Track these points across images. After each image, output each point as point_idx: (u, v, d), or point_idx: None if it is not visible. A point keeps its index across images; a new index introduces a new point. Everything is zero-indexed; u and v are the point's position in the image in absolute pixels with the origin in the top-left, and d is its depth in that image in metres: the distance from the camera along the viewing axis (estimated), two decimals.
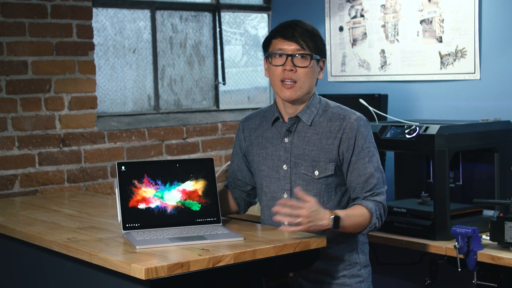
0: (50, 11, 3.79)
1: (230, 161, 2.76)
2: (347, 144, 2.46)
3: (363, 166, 2.45)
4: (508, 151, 3.25)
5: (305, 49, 2.45)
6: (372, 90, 4.11)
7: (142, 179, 2.46)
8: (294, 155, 2.51)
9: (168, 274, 2.02)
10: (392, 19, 4.02)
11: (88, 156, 3.93)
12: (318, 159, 2.48)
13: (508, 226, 2.79)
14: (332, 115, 2.50)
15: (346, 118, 2.48)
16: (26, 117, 3.73)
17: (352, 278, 2.52)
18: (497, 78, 3.59)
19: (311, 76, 2.48)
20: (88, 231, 2.54)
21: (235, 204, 2.72)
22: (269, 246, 2.24)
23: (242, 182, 2.71)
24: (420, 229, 3.10)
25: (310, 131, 2.51)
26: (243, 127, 2.68)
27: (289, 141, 2.53)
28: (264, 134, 2.60)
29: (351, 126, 2.46)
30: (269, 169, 2.56)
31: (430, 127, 3.09)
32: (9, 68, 3.67)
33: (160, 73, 4.37)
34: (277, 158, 2.55)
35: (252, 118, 2.68)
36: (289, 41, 2.45)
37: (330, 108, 2.53)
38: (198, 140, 4.38)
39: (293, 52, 2.45)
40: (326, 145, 2.47)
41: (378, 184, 2.46)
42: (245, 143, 2.66)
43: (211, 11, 4.59)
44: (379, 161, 2.50)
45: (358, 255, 2.55)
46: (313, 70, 2.48)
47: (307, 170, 2.49)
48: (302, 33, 2.46)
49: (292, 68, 2.45)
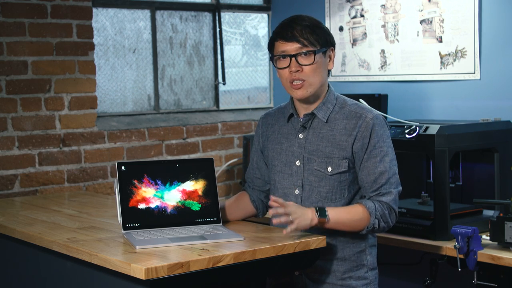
0: (50, 11, 3.79)
1: (250, 160, 2.74)
2: (362, 142, 2.44)
3: (374, 165, 2.43)
4: (508, 151, 3.25)
5: (307, 46, 2.42)
6: (372, 90, 4.11)
7: (142, 179, 2.46)
8: (308, 151, 2.50)
9: (168, 274, 2.02)
10: (392, 19, 4.02)
11: (88, 156, 3.93)
12: (331, 155, 2.46)
13: (508, 226, 2.79)
14: (349, 113, 2.49)
15: (362, 117, 2.46)
16: (26, 117, 3.73)
17: (358, 280, 2.50)
18: (497, 78, 3.59)
19: (320, 71, 2.46)
20: (88, 231, 2.54)
21: (253, 207, 2.69)
22: (269, 246, 2.23)
23: (262, 181, 2.69)
24: (420, 229, 3.10)
25: (325, 127, 2.49)
26: (261, 123, 2.68)
27: (303, 137, 2.52)
28: (280, 129, 2.60)
29: (367, 124, 2.44)
30: (282, 164, 2.55)
31: (430, 127, 3.09)
32: (9, 68, 3.67)
33: (160, 73, 4.37)
34: (290, 153, 2.53)
35: (271, 114, 2.68)
36: (290, 41, 2.43)
37: (347, 105, 2.51)
38: (198, 140, 4.38)
39: (295, 52, 2.43)
40: (341, 142, 2.46)
41: (387, 184, 2.43)
42: (262, 139, 2.66)
43: (211, 11, 4.59)
44: (392, 162, 2.46)
45: (366, 256, 2.52)
46: (321, 64, 2.46)
47: (320, 166, 2.47)
48: (301, 30, 2.43)
49: (298, 68, 2.43)
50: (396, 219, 2.47)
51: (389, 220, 2.43)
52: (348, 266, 2.49)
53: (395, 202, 2.44)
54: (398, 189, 2.46)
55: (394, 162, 2.47)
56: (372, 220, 2.40)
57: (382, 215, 2.41)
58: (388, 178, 2.43)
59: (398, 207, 2.36)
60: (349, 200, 2.50)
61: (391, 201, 2.43)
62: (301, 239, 2.31)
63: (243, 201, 2.69)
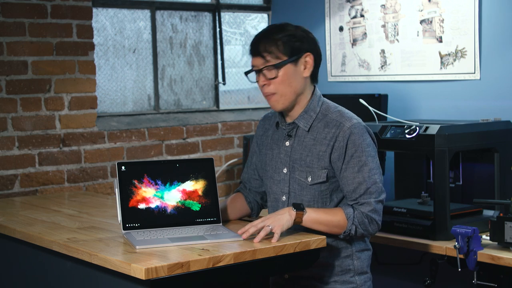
0: (50, 11, 3.79)
1: (248, 160, 2.74)
2: (338, 153, 2.41)
3: (352, 176, 2.40)
4: (508, 151, 3.25)
5: (269, 61, 2.41)
6: (372, 90, 4.11)
7: (142, 179, 2.46)
8: (293, 159, 2.51)
9: (168, 274, 2.02)
10: (392, 19, 4.02)
11: (88, 156, 3.93)
12: (311, 165, 2.46)
13: (508, 226, 2.79)
14: (330, 121, 2.45)
15: (340, 126, 2.42)
16: (26, 117, 3.73)
17: (344, 284, 2.49)
18: (497, 78, 3.59)
19: (290, 82, 2.43)
20: (88, 231, 2.54)
21: (248, 208, 2.70)
22: (269, 246, 2.23)
23: (259, 181, 2.69)
24: (420, 229, 3.10)
25: (308, 136, 2.48)
26: (260, 126, 2.70)
27: (289, 145, 2.52)
28: (273, 135, 2.61)
29: (344, 134, 2.40)
30: (272, 170, 2.57)
31: (430, 127, 3.09)
32: (9, 68, 3.67)
33: (160, 73, 4.37)
34: (279, 160, 2.55)
35: (268, 118, 2.69)
36: (255, 56, 2.46)
37: (330, 113, 2.48)
38: (198, 140, 4.38)
39: (262, 66, 2.44)
40: (320, 152, 2.44)
41: (365, 194, 2.38)
42: (258, 142, 2.69)
43: (211, 11, 4.59)
44: (372, 171, 2.39)
45: (352, 261, 2.50)
46: (291, 75, 2.43)
47: (301, 176, 2.48)
48: (265, 44, 2.42)
49: (265, 82, 2.46)
50: (378, 228, 2.42)
51: (369, 228, 2.40)
52: (333, 270, 2.49)
53: (375, 212, 2.39)
54: (380, 198, 2.41)
55: (374, 171, 2.41)
56: (349, 226, 2.38)
57: (360, 222, 2.38)
58: (367, 188, 2.39)
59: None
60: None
61: (370, 212, 2.38)
62: (301, 239, 2.32)
63: (239, 202, 2.69)
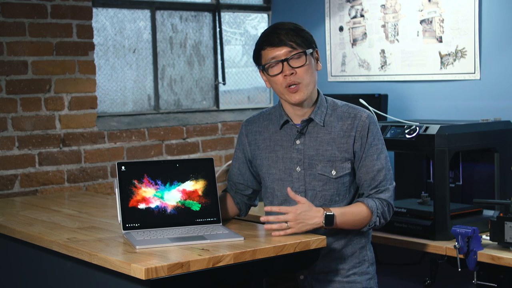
0: (50, 11, 3.79)
1: (231, 165, 2.72)
2: (360, 142, 2.48)
3: (371, 163, 2.48)
4: (508, 151, 3.25)
5: (296, 48, 2.42)
6: (372, 90, 4.11)
7: (142, 179, 2.46)
8: (308, 156, 2.50)
9: (168, 274, 2.02)
10: (392, 19, 4.02)
11: (88, 156, 3.93)
12: (334, 158, 2.48)
13: (508, 226, 2.79)
14: (343, 114, 2.51)
15: (357, 116, 2.49)
16: (26, 117, 3.73)
17: (362, 275, 2.54)
18: (497, 78, 3.59)
19: (312, 72, 2.46)
20: (88, 231, 2.54)
21: (236, 208, 2.71)
22: (269, 246, 2.24)
23: (244, 185, 2.68)
24: (420, 229, 3.10)
25: (322, 131, 2.50)
26: (246, 131, 2.64)
27: (301, 143, 2.51)
28: (272, 137, 2.57)
29: (363, 124, 2.48)
30: (281, 172, 2.54)
31: (430, 127, 3.09)
32: (9, 68, 3.67)
33: (160, 73, 4.37)
34: (289, 160, 2.53)
35: (255, 121, 2.63)
36: (278, 46, 2.42)
37: (339, 107, 2.53)
38: (198, 140, 4.38)
39: (286, 56, 2.42)
40: (341, 144, 2.48)
41: (384, 181, 2.48)
42: (250, 147, 2.62)
43: (211, 11, 4.59)
44: (387, 158, 2.52)
45: (366, 252, 2.57)
46: (311, 65, 2.46)
47: (324, 171, 2.48)
48: (286, 34, 2.42)
49: (292, 71, 2.42)
50: (392, 213, 2.54)
51: (388, 216, 2.51)
52: (351, 263, 2.53)
53: (392, 198, 2.52)
54: (393, 184, 2.53)
55: (388, 158, 2.53)
56: (374, 218, 2.45)
57: (382, 212, 2.48)
58: (385, 175, 2.49)
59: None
60: (351, 199, 2.54)
61: (389, 198, 2.50)
62: (301, 239, 2.32)
63: (227, 203, 2.69)
